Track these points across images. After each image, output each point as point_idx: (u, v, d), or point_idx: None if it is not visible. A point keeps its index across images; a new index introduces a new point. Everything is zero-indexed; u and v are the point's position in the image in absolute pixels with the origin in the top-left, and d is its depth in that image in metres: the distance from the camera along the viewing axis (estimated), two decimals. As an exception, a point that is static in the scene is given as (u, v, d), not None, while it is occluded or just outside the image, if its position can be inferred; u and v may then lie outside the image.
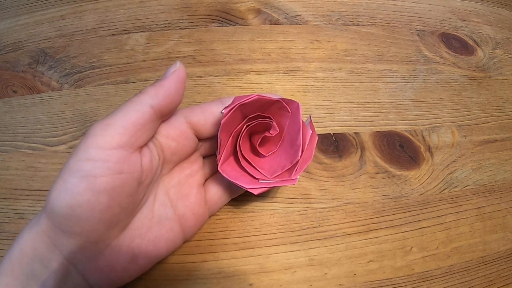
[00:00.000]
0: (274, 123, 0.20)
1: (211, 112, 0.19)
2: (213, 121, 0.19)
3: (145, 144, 0.17)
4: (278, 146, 0.21)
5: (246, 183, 0.19)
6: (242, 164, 0.20)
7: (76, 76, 0.29)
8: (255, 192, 0.19)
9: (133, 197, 0.17)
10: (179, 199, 0.20)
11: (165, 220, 0.19)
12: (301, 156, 0.19)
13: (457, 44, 0.35)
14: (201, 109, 0.19)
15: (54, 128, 0.27)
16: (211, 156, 0.23)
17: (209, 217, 0.22)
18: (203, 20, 0.33)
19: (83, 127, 0.27)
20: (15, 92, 0.29)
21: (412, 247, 0.24)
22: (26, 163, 0.25)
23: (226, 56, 0.31)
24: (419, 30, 0.35)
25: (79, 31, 0.32)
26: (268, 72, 0.30)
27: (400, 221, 0.25)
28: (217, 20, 0.33)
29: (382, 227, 0.24)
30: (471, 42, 0.35)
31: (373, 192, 0.26)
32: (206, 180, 0.22)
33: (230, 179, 0.19)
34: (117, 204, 0.16)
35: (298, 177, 0.19)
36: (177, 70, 0.18)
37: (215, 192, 0.21)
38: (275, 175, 0.20)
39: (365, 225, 0.24)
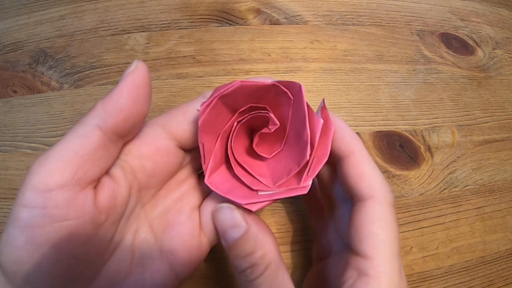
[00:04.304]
0: (272, 115, 0.15)
1: (195, 113, 0.15)
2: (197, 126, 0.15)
3: (105, 173, 0.14)
4: (282, 144, 0.16)
5: (241, 197, 0.15)
6: (236, 172, 0.16)
7: (76, 76, 0.29)
8: (253, 208, 0.15)
9: (91, 244, 0.13)
10: (165, 231, 0.16)
11: (148, 260, 0.15)
12: (311, 154, 0.15)
13: (457, 44, 0.35)
14: (181, 112, 0.15)
15: (54, 128, 0.27)
16: None
17: (211, 247, 0.17)
18: (203, 20, 0.33)
19: (83, 127, 0.27)
20: (15, 92, 0.29)
21: (412, 247, 0.24)
22: (26, 163, 0.25)
23: (226, 56, 0.31)
24: (419, 30, 0.35)
25: (79, 31, 0.32)
26: (268, 72, 0.30)
27: (400, 221, 0.25)
28: (217, 20, 0.33)
29: (382, 227, 0.24)
30: (471, 42, 0.35)
31: (373, 192, 0.26)
32: (203, 201, 0.18)
33: (220, 193, 0.15)
34: (69, 256, 0.13)
35: (310, 183, 0.15)
36: (131, 73, 0.14)
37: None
38: (279, 183, 0.15)
39: (365, 225, 0.24)
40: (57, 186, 0.12)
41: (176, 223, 0.16)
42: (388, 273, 0.14)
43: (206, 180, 0.15)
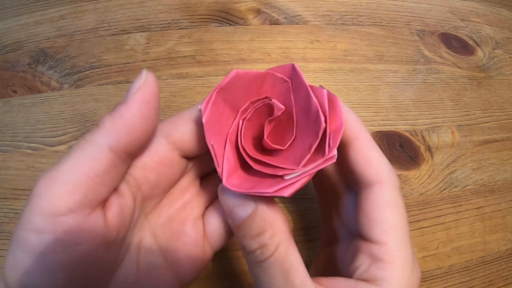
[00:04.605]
0: (274, 101, 0.15)
1: (196, 116, 0.15)
2: (201, 131, 0.15)
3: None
4: (294, 131, 0.15)
5: (269, 187, 0.13)
6: (255, 167, 0.15)
7: (76, 76, 0.29)
8: (286, 193, 0.13)
9: (102, 262, 0.13)
10: (170, 240, 0.16)
11: (154, 269, 0.15)
12: (326, 122, 0.14)
13: (457, 44, 0.35)
14: (184, 119, 0.15)
15: (54, 128, 0.27)
16: (211, 175, 0.18)
17: (214, 253, 0.17)
18: (203, 20, 0.33)
19: (83, 127, 0.27)
20: (15, 92, 0.29)
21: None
22: (26, 163, 0.25)
23: (226, 56, 0.31)
24: (419, 30, 0.35)
25: (79, 31, 0.32)
26: (268, 72, 0.30)
27: (400, 221, 0.25)
28: (217, 20, 0.33)
29: (382, 227, 0.24)
30: (471, 42, 0.35)
31: (373, 192, 0.26)
32: (206, 209, 0.17)
33: (244, 191, 0.13)
34: (81, 277, 0.12)
35: (335, 152, 0.13)
36: (142, 87, 0.13)
37: (219, 223, 0.16)
38: (304, 162, 0.14)
39: (365, 225, 0.24)
40: (67, 210, 0.12)
41: (181, 233, 0.16)
42: (402, 257, 0.13)
43: (224, 182, 0.14)
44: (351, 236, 0.16)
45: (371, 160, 0.15)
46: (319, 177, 0.19)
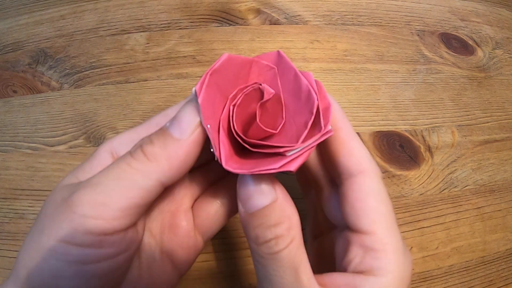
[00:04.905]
0: (264, 85, 0.16)
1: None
2: None
3: None
4: (284, 115, 0.16)
5: (273, 164, 0.13)
6: (254, 150, 0.15)
7: (76, 76, 0.29)
8: (292, 167, 0.13)
9: (129, 266, 0.14)
10: (164, 233, 0.16)
11: (153, 262, 0.16)
12: (318, 99, 0.14)
13: (457, 44, 0.35)
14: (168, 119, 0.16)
15: (54, 128, 0.27)
16: (199, 168, 0.18)
17: (206, 242, 0.18)
18: (203, 20, 0.33)
19: (83, 127, 0.27)
20: (15, 92, 0.29)
21: (412, 247, 0.24)
22: (26, 163, 0.25)
23: (226, 56, 0.31)
24: (419, 30, 0.35)
25: (79, 31, 0.32)
26: (268, 72, 0.30)
27: (400, 221, 0.25)
28: (217, 20, 0.33)
29: (382, 227, 0.24)
30: (471, 42, 0.35)
31: (373, 192, 0.26)
32: (195, 201, 0.18)
33: (245, 172, 0.13)
34: (111, 280, 0.13)
35: (330, 127, 0.14)
36: (202, 127, 0.13)
37: (207, 215, 0.17)
38: (302, 138, 0.14)
39: (365, 225, 0.24)
40: (114, 231, 0.12)
41: (172, 226, 0.16)
42: (393, 244, 0.13)
43: (225, 165, 0.14)
44: (338, 229, 0.16)
45: (352, 151, 0.15)
46: (302, 170, 0.19)
